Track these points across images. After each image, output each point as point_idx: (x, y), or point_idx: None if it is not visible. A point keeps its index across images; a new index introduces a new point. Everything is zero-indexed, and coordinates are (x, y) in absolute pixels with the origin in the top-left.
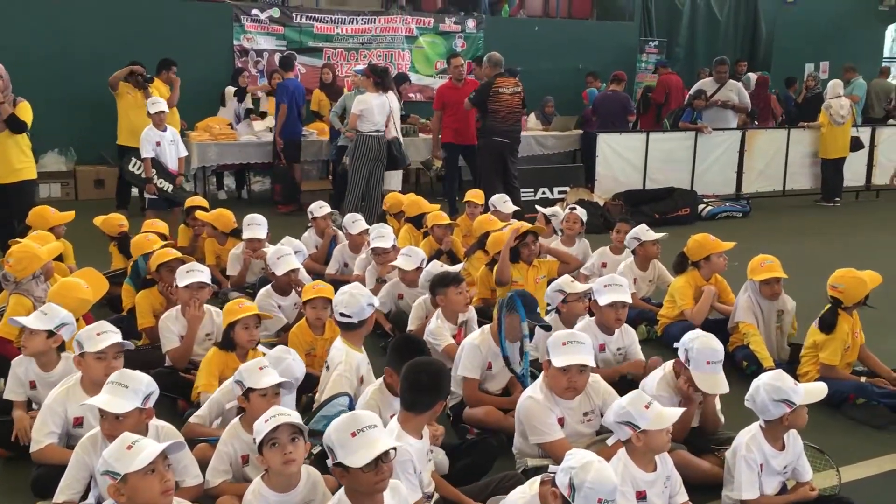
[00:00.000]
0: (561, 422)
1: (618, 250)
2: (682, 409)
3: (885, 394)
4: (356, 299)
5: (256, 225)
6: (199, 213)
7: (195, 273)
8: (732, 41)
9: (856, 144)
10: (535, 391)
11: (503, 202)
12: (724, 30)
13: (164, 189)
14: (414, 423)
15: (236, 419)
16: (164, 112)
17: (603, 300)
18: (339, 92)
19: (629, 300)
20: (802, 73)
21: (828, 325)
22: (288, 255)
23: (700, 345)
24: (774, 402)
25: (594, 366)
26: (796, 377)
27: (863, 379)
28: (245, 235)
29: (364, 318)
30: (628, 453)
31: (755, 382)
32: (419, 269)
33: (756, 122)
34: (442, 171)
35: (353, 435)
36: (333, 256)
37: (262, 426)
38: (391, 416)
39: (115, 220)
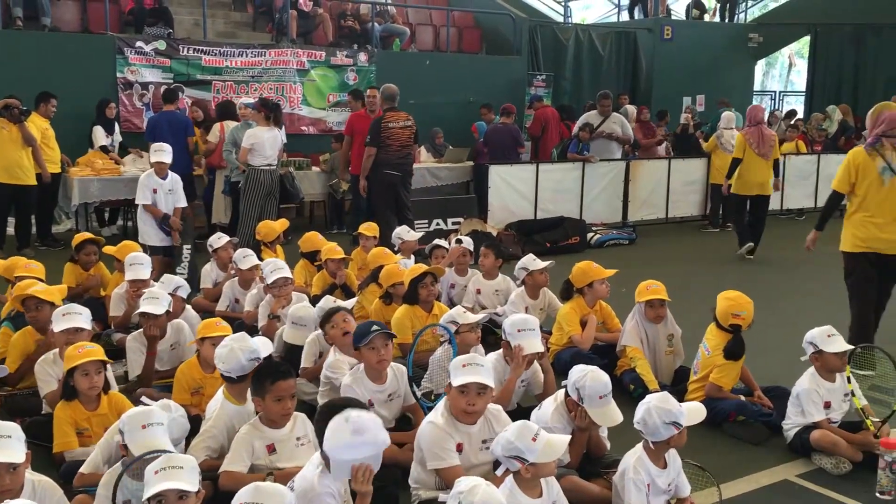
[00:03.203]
0: (459, 448)
1: (489, 275)
2: (568, 437)
3: (763, 412)
4: (234, 355)
5: (139, 265)
6: (106, 248)
7: (72, 317)
8: (615, 75)
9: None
10: (436, 416)
11: (407, 232)
12: (607, 64)
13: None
14: None
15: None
16: (164, 163)
17: (515, 342)
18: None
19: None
20: (680, 106)
21: (735, 354)
22: (156, 298)
23: (591, 381)
24: (665, 424)
25: (492, 386)
26: (682, 400)
27: (741, 398)
28: (127, 276)
29: (245, 374)
30: (515, 481)
31: (643, 405)
32: None
33: (637, 154)
34: (349, 195)
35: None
36: (224, 293)
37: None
38: (266, 446)
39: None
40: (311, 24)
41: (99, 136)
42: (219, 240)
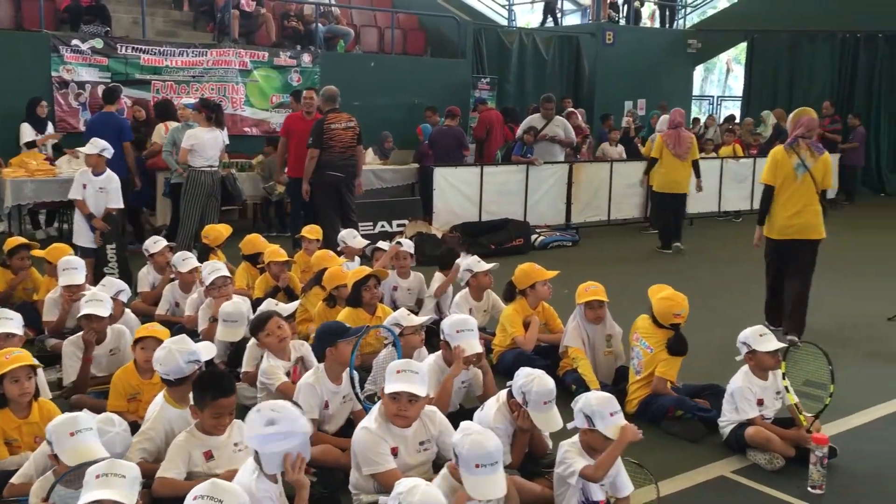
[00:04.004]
0: (395, 451)
1: (404, 274)
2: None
3: (700, 409)
4: (172, 357)
5: (73, 269)
6: (35, 251)
7: (2, 322)
8: (558, 79)
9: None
10: (369, 421)
11: (353, 237)
12: (551, 68)
13: None
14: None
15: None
16: (91, 155)
17: (454, 343)
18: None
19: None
20: (622, 110)
21: (679, 351)
22: (99, 301)
23: (537, 386)
24: (587, 417)
25: (424, 396)
26: (624, 400)
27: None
28: (61, 281)
29: (183, 376)
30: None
31: (577, 402)
32: None
33: (578, 156)
34: (286, 196)
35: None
36: (163, 296)
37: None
38: (203, 452)
39: None
40: (253, 24)
41: (26, 132)
42: (155, 244)
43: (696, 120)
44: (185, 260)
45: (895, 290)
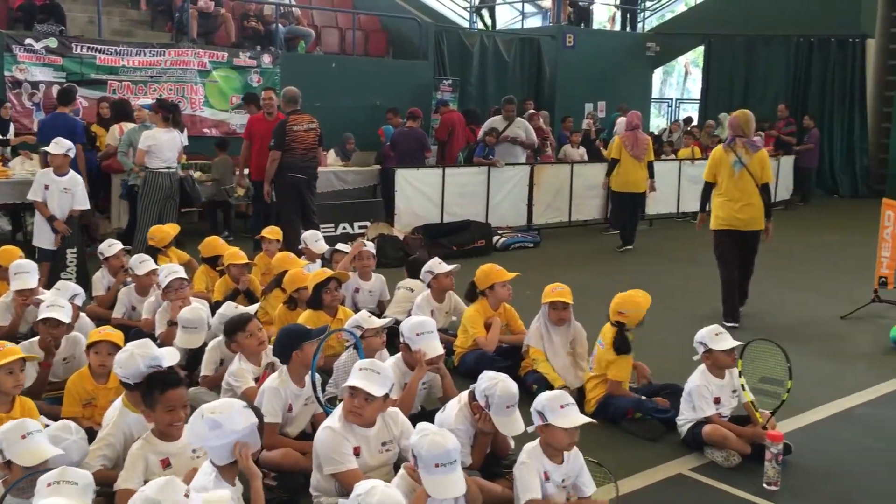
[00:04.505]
0: (357, 451)
1: (365, 276)
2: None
3: (658, 409)
4: (133, 361)
5: (25, 273)
6: None
7: None
8: (519, 81)
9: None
10: (332, 421)
11: (315, 241)
12: (512, 70)
13: None
14: (225, 470)
15: None
16: (56, 155)
17: (414, 346)
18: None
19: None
20: (583, 112)
21: (621, 349)
22: (61, 307)
23: (500, 391)
24: (538, 413)
25: (380, 397)
26: (583, 397)
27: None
28: (13, 286)
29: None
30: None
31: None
32: None
33: (539, 158)
34: (247, 199)
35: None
36: (119, 300)
37: None
38: (160, 461)
39: None
40: (212, 24)
41: None
42: (109, 247)
43: (676, 123)
44: (142, 263)
45: (849, 289)
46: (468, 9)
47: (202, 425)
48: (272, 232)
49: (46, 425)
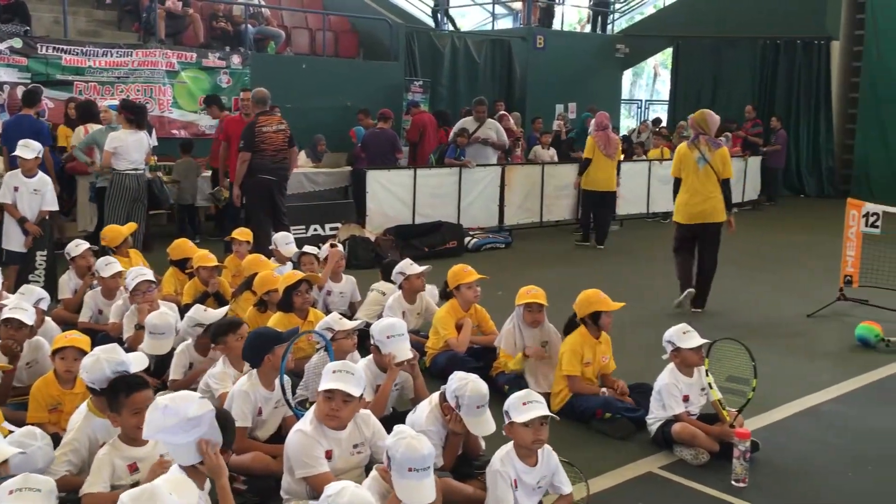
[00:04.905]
0: (329, 454)
1: (336, 277)
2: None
3: (627, 408)
4: (99, 366)
5: None
6: None
7: None
8: (490, 82)
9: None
10: (304, 424)
11: (285, 243)
12: (483, 71)
13: None
14: (192, 474)
15: None
16: (26, 158)
17: (385, 349)
18: None
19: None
20: (553, 113)
21: (564, 332)
22: (24, 309)
23: (470, 391)
24: (504, 413)
25: (358, 397)
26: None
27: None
28: None
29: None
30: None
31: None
32: None
33: (510, 159)
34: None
35: None
36: (85, 303)
37: None
38: (127, 465)
39: None
40: (180, 25)
41: None
42: (77, 247)
43: (644, 124)
44: (108, 265)
45: (815, 288)
46: (434, 9)
47: (158, 415)
48: (242, 234)
49: (11, 431)
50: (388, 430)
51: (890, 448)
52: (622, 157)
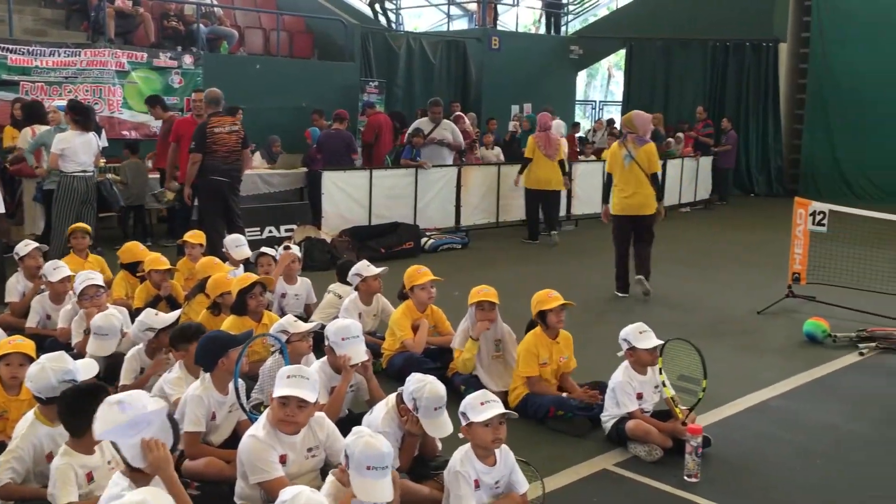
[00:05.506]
0: (284, 459)
1: (291, 279)
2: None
3: (582, 406)
4: (45, 375)
5: None
6: None
7: None
8: (446, 83)
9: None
10: (257, 429)
11: (236, 246)
12: (438, 72)
13: None
14: (139, 478)
15: None
16: None
17: (339, 350)
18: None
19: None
20: (509, 114)
21: (527, 329)
22: None
23: (428, 393)
24: (462, 414)
25: (313, 402)
26: (507, 395)
27: (564, 394)
28: None
29: (55, 396)
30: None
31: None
32: None
33: (464, 160)
34: (175, 203)
35: None
36: (32, 308)
37: None
38: (85, 474)
39: None
40: (130, 24)
41: None
42: (25, 247)
43: (577, 124)
44: (56, 269)
45: (765, 285)
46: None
47: (111, 412)
48: (194, 236)
49: None
50: (345, 433)
51: (836, 441)
52: (564, 156)
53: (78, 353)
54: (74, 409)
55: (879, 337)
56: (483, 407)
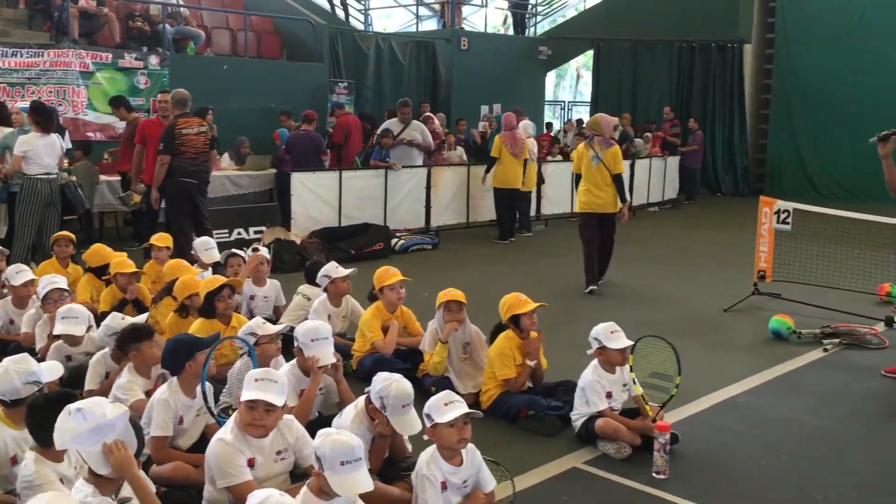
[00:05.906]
0: (252, 462)
1: (259, 281)
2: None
3: (551, 406)
4: (8, 377)
5: None
6: None
7: None
8: (415, 84)
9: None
10: (225, 433)
11: (205, 249)
12: (408, 73)
13: None
14: (103, 484)
15: None
16: None
17: (308, 352)
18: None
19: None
20: (479, 114)
21: (491, 338)
22: None
23: (395, 391)
24: (426, 415)
25: (281, 406)
26: (477, 396)
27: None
28: None
29: (19, 398)
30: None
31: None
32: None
33: (432, 160)
34: (142, 206)
35: None
36: None
37: None
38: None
39: None
40: (95, 24)
41: None
42: None
43: (550, 125)
44: (19, 273)
45: (731, 283)
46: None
47: (71, 420)
48: (161, 239)
49: None
50: (315, 435)
51: (800, 437)
52: (529, 156)
53: (42, 358)
54: (42, 420)
55: (843, 333)
56: (447, 408)
